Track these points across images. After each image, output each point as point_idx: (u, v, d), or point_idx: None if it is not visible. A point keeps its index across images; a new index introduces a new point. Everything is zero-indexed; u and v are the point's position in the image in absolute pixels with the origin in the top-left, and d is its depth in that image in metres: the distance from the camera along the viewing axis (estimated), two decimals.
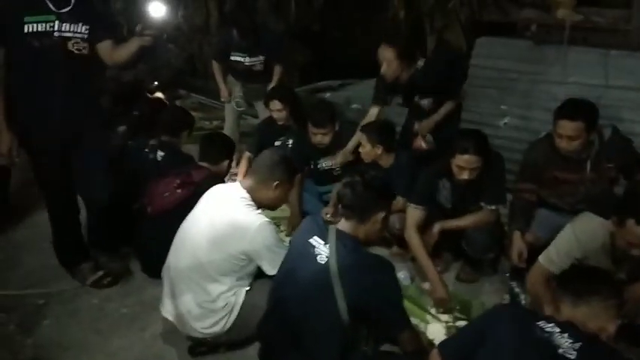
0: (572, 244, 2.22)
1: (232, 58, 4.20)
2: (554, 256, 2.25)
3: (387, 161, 3.17)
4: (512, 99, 4.06)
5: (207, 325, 2.28)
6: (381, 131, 3.14)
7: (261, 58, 4.20)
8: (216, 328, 2.29)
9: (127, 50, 2.59)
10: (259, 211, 2.28)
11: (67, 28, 2.46)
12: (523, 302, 2.45)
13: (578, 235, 2.21)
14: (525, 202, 2.72)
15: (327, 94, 5.76)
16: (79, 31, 2.49)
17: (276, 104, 3.68)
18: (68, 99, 2.54)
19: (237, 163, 3.84)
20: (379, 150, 3.12)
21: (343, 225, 1.94)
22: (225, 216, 2.23)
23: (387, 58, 3.12)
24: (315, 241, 1.91)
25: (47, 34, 2.43)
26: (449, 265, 3.11)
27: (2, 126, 2.49)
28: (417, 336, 2.01)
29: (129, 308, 2.69)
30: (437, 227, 2.80)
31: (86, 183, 2.72)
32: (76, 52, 2.50)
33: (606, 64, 3.69)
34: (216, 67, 4.38)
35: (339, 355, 1.88)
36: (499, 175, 2.77)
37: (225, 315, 2.28)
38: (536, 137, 2.97)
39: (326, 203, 3.48)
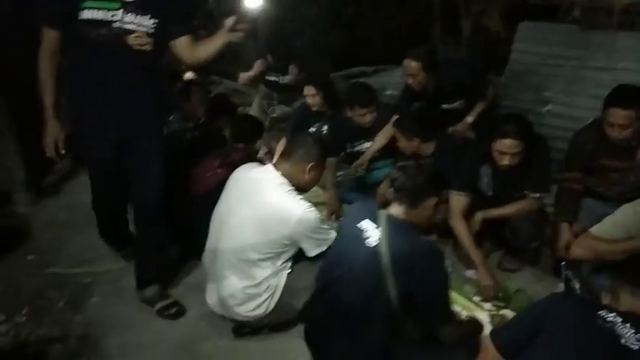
0: (629, 219, 2.17)
1: (267, 77, 4.54)
2: (609, 229, 2.20)
3: (427, 150, 3.14)
4: (556, 86, 3.96)
5: (250, 309, 2.32)
6: (413, 124, 3.13)
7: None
8: (259, 311, 2.32)
9: (212, 47, 2.35)
10: (300, 196, 2.30)
11: (131, 20, 2.19)
12: (578, 292, 2.41)
13: (638, 211, 2.16)
14: (572, 191, 2.66)
15: (361, 80, 5.71)
16: (144, 24, 2.21)
17: (310, 89, 3.71)
18: (123, 99, 2.31)
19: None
20: (416, 142, 3.11)
21: (395, 209, 1.93)
22: (271, 201, 2.24)
23: (413, 71, 3.16)
24: (366, 224, 1.91)
25: (106, 24, 2.16)
26: (490, 253, 3.06)
27: (49, 116, 2.30)
28: (459, 331, 1.99)
29: (173, 289, 2.74)
30: (479, 216, 2.77)
31: (141, 185, 2.52)
32: (135, 47, 2.22)
33: None
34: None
35: (387, 339, 1.90)
36: (543, 161, 2.71)
37: (268, 298, 2.31)
38: (580, 125, 2.89)
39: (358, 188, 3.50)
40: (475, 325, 2.21)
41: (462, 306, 2.52)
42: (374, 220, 1.90)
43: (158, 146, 2.50)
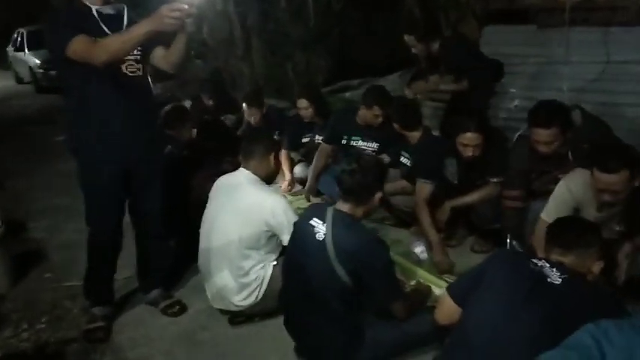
0: (566, 196, 2.43)
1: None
2: (553, 209, 2.44)
3: (414, 138, 3.36)
4: (520, 82, 4.27)
5: (242, 298, 2.61)
6: (402, 112, 3.39)
7: None
8: (251, 299, 2.61)
9: (176, 48, 2.43)
10: (272, 188, 2.65)
11: None
12: None
13: (570, 187, 2.43)
14: (512, 210, 2.83)
15: (347, 94, 6.05)
16: (132, 52, 2.34)
17: (303, 102, 4.10)
18: (129, 123, 2.46)
19: None
20: (396, 126, 3.36)
21: (341, 205, 2.20)
22: (246, 196, 2.59)
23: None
24: (315, 221, 2.19)
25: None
26: (464, 239, 3.35)
27: None
28: (409, 306, 2.23)
29: (176, 291, 3.04)
30: (448, 205, 3.08)
31: (148, 204, 2.71)
32: (129, 74, 2.40)
33: (607, 42, 3.86)
34: None
35: (350, 313, 2.17)
36: (500, 149, 2.99)
37: (257, 287, 2.60)
38: None
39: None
40: (422, 291, 2.51)
41: (434, 284, 2.77)
42: (321, 217, 2.18)
43: (160, 166, 2.75)
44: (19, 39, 12.02)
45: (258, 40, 7.82)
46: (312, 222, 2.20)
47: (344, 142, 3.88)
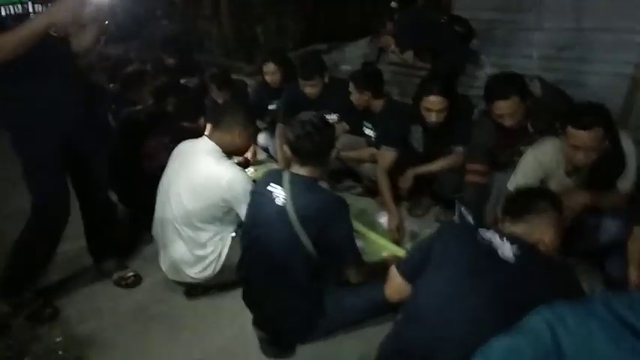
0: (533, 165, 2.38)
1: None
2: (520, 180, 2.39)
3: (377, 106, 3.25)
4: (492, 48, 4.17)
5: (198, 270, 2.50)
6: (367, 78, 3.25)
7: None
8: (207, 272, 2.51)
9: (85, 37, 2.30)
10: (231, 160, 2.48)
11: (40, 10, 2.15)
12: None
13: (538, 156, 2.38)
14: (474, 185, 2.72)
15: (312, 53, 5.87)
16: None
17: (270, 67, 3.84)
18: (66, 87, 2.30)
19: None
20: (366, 96, 3.22)
21: (298, 169, 2.11)
22: (203, 168, 2.43)
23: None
24: (272, 186, 2.10)
25: (24, 17, 2.11)
26: (429, 209, 3.29)
27: None
28: (365, 271, 2.19)
29: (131, 261, 2.92)
30: (411, 173, 2.99)
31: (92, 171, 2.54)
32: (53, 33, 2.16)
33: (579, 8, 3.78)
34: None
35: (311, 281, 2.10)
36: (467, 117, 2.92)
37: (214, 259, 2.49)
38: None
39: None
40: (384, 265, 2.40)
41: (394, 251, 2.71)
42: (278, 182, 2.09)
43: (105, 130, 2.61)
44: None
45: (226, 0, 7.53)
46: (269, 187, 2.10)
47: None
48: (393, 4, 4.48)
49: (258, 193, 2.17)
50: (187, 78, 4.61)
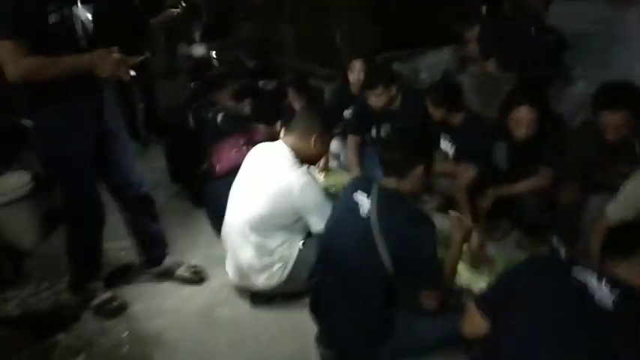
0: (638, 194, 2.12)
1: None
2: (620, 207, 2.15)
3: (455, 120, 3.08)
4: (584, 61, 3.87)
5: (264, 278, 2.46)
6: (443, 92, 3.08)
7: None
8: (273, 280, 2.46)
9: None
10: (304, 167, 2.41)
11: (84, 13, 2.19)
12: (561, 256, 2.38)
13: None
14: (566, 206, 2.51)
15: (394, 65, 5.73)
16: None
17: (356, 65, 3.62)
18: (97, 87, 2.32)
19: None
20: (441, 112, 3.05)
21: (385, 181, 2.02)
22: (275, 173, 2.37)
23: None
24: (359, 195, 2.00)
25: (68, 22, 2.14)
26: (508, 233, 3.07)
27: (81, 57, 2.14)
28: (440, 297, 2.03)
29: (198, 261, 2.91)
30: (492, 193, 2.79)
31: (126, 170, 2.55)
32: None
33: None
34: None
35: (385, 303, 1.99)
36: (558, 136, 2.68)
37: (280, 268, 2.44)
38: None
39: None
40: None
41: (470, 279, 2.55)
42: (367, 191, 1.99)
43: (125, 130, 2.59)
44: None
45: (306, 3, 7.55)
46: (356, 196, 2.01)
47: (373, 132, 3.50)
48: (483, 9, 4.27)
49: (343, 201, 2.09)
50: (265, 80, 4.63)
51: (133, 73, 2.20)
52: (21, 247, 3.09)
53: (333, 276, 2.08)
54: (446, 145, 3.17)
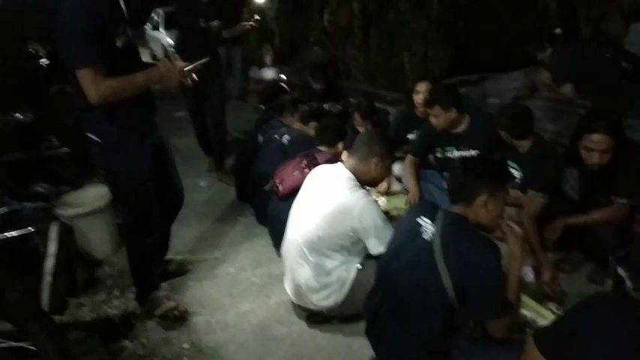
0: None
1: None
2: None
3: (524, 146, 3.00)
4: None
5: (321, 298, 2.48)
6: (511, 119, 3.00)
7: None
8: (330, 301, 2.47)
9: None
10: (365, 189, 2.42)
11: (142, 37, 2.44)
12: (628, 289, 2.21)
13: None
14: None
15: (463, 89, 5.65)
16: None
17: (422, 86, 3.70)
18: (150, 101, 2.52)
19: None
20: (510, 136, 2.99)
21: (451, 207, 1.99)
22: (335, 195, 2.40)
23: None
24: (423, 219, 1.97)
25: (132, 47, 2.40)
26: (579, 265, 2.91)
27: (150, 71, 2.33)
28: (507, 327, 1.93)
29: (259, 278, 3.00)
30: (561, 222, 2.67)
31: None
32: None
33: None
34: None
35: (444, 332, 1.92)
36: (633, 165, 2.54)
37: (337, 289, 2.45)
38: None
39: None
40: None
41: (537, 313, 2.44)
42: (431, 216, 1.97)
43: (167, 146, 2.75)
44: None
45: (377, 29, 7.64)
46: (419, 220, 1.99)
47: (438, 154, 3.48)
48: (558, 31, 4.14)
49: (405, 225, 2.07)
50: (331, 103, 4.71)
51: (195, 77, 2.37)
52: (95, 256, 3.28)
53: (390, 300, 2.05)
54: (513, 172, 3.08)
